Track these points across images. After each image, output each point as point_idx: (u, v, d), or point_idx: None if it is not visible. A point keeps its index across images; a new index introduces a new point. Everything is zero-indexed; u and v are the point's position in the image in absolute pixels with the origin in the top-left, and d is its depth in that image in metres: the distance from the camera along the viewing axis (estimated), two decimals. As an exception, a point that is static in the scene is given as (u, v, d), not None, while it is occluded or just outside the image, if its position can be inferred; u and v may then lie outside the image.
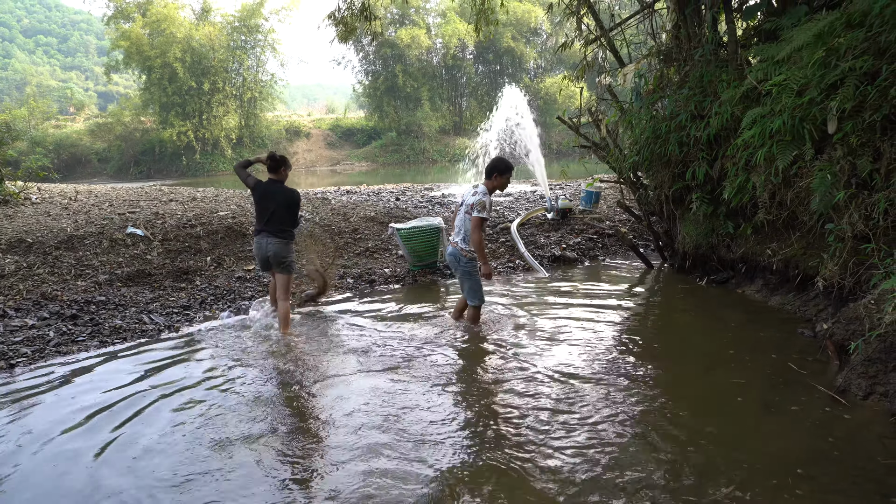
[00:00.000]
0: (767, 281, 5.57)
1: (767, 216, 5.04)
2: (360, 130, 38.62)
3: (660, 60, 6.37)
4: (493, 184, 4.71)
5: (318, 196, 13.23)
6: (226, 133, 33.07)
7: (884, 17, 3.81)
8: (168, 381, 4.05)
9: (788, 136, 4.44)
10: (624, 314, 5.34)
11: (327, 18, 8.91)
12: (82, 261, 6.82)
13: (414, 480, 2.80)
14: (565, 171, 8.33)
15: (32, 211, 8.98)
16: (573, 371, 4.04)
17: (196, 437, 3.26)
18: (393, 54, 35.30)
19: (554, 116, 15.69)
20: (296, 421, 3.49)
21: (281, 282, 5.03)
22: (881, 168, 3.92)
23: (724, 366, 4.09)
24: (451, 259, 4.94)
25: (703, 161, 5.63)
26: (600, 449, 3.04)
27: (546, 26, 37.75)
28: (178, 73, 30.60)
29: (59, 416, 3.54)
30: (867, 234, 4.00)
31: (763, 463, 2.84)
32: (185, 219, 8.63)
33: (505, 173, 4.70)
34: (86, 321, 5.19)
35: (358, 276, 6.73)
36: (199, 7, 33.71)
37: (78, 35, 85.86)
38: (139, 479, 2.88)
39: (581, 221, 8.84)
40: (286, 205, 5.08)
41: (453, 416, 3.49)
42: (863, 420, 3.19)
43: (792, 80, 4.33)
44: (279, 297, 5.04)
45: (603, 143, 7.10)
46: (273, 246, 4.95)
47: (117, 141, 32.60)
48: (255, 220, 5.15)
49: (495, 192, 4.83)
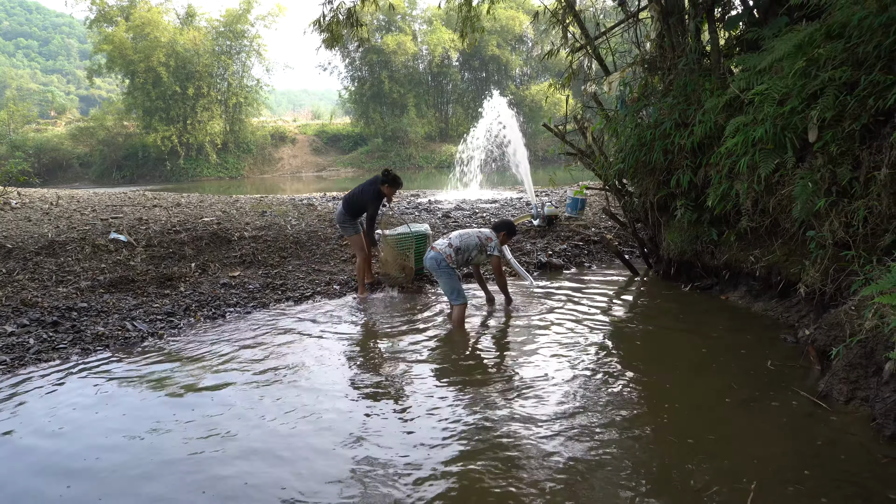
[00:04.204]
0: (751, 287, 5.64)
1: (750, 223, 5.10)
2: (346, 136, 38.55)
3: (644, 69, 6.44)
4: (501, 238, 5.47)
5: (304, 202, 13.17)
6: (210, 138, 32.81)
7: (862, 29, 3.89)
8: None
9: (770, 145, 4.50)
10: (609, 320, 5.38)
11: (313, 25, 8.88)
12: (63, 267, 6.73)
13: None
14: (553, 178, 8.38)
15: (12, 216, 8.84)
16: (556, 376, 4.05)
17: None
18: (379, 60, 35.34)
19: (540, 124, 15.80)
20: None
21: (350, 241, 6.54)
22: (860, 176, 4.00)
23: (707, 371, 4.13)
24: (433, 263, 5.19)
25: (688, 168, 5.69)
26: (582, 454, 3.04)
27: (531, 33, 38.06)
28: (162, 78, 30.34)
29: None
30: (847, 241, 4.07)
31: (746, 467, 2.87)
32: (170, 224, 8.55)
33: (509, 235, 5.60)
34: (67, 328, 5.10)
35: (344, 282, 6.71)
36: (183, 12, 33.53)
37: (60, 38, 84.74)
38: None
39: (567, 228, 8.88)
40: (363, 199, 6.20)
41: (431, 427, 3.48)
42: (844, 424, 3.24)
43: (773, 90, 4.40)
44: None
45: (588, 150, 7.15)
46: (338, 213, 6.35)
47: (100, 145, 32.20)
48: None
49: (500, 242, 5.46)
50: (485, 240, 5.33)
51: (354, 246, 6.39)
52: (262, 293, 6.27)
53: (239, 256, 7.53)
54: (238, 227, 8.96)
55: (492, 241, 5.32)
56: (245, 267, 7.24)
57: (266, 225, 9.37)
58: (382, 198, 6.23)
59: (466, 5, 8.53)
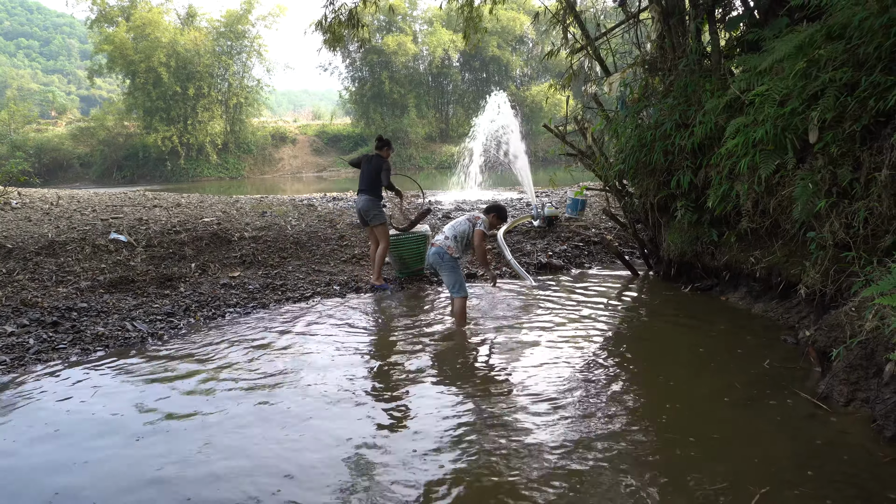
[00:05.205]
0: (751, 288, 5.63)
1: (751, 224, 5.10)
2: (347, 137, 38.57)
3: (645, 70, 6.44)
4: (489, 220, 5.44)
5: (304, 203, 13.18)
6: (211, 138, 32.85)
7: (862, 30, 3.89)
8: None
9: (771, 146, 4.50)
10: (609, 321, 5.37)
11: (314, 26, 8.89)
12: (64, 267, 6.73)
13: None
14: (553, 179, 8.38)
15: (12, 216, 8.85)
16: (556, 377, 4.04)
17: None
18: (379, 61, 35.38)
19: (540, 124, 15.80)
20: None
21: (376, 232, 6.56)
22: (861, 177, 3.99)
23: (707, 372, 4.12)
24: (436, 257, 5.26)
25: (688, 169, 5.69)
26: (582, 455, 3.04)
27: (532, 34, 38.08)
28: (162, 78, 30.38)
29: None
30: (848, 242, 4.07)
31: (747, 469, 2.87)
32: (170, 225, 8.55)
33: (500, 218, 5.53)
34: (67, 328, 5.10)
35: (344, 283, 6.71)
36: (184, 12, 33.57)
37: (60, 38, 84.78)
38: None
39: (567, 229, 8.88)
40: (376, 171, 6.48)
41: (432, 428, 3.47)
42: (845, 426, 3.23)
43: (774, 91, 4.40)
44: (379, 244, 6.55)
45: (589, 151, 7.15)
46: (362, 202, 6.52)
47: (100, 146, 32.24)
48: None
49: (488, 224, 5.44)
50: (473, 219, 5.42)
51: (382, 235, 6.55)
52: (262, 294, 6.27)
53: (239, 257, 7.53)
54: (238, 228, 8.96)
55: (479, 219, 5.39)
56: (245, 267, 7.24)
57: (266, 225, 9.37)
58: (388, 163, 6.57)
59: (468, 6, 8.53)
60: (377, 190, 6.54)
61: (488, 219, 5.44)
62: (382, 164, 6.49)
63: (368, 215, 6.51)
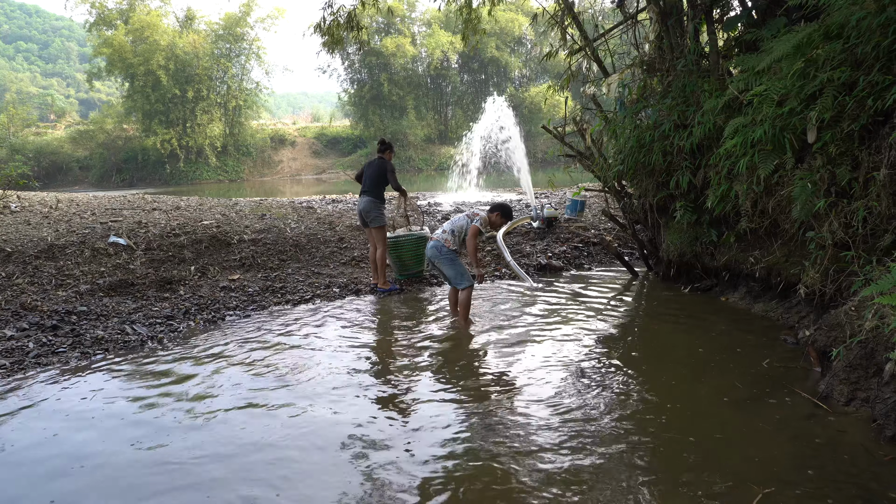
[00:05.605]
0: (750, 288, 5.64)
1: (750, 224, 5.10)
2: (346, 139, 38.59)
3: (643, 70, 6.45)
4: (491, 217, 5.39)
5: (303, 205, 13.18)
6: (210, 141, 32.85)
7: (860, 30, 3.90)
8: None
9: (769, 146, 4.50)
10: (609, 322, 5.37)
11: (313, 28, 8.90)
12: (63, 270, 6.72)
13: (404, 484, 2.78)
14: (552, 180, 8.39)
15: (11, 220, 8.84)
16: (556, 378, 4.04)
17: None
18: (378, 63, 35.40)
19: (539, 125, 15.82)
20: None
21: (374, 234, 6.58)
22: (860, 177, 4.00)
23: (707, 373, 4.12)
24: (433, 251, 5.31)
25: (687, 170, 5.70)
26: (582, 456, 3.04)
27: (530, 35, 38.12)
28: (161, 81, 30.38)
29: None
30: (847, 241, 4.07)
31: (748, 469, 2.86)
32: (169, 228, 8.55)
33: (504, 217, 5.43)
34: (67, 332, 5.09)
35: (344, 285, 6.70)
36: (182, 15, 33.60)
37: (59, 41, 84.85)
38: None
39: (566, 230, 8.88)
40: (379, 173, 6.59)
41: (432, 429, 3.47)
42: (845, 426, 3.23)
43: (772, 91, 4.40)
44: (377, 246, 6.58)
45: (588, 152, 7.16)
46: (363, 203, 6.58)
47: (99, 149, 32.24)
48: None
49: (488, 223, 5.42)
50: (472, 215, 5.41)
51: (380, 238, 6.57)
52: (262, 296, 6.26)
53: (238, 259, 7.53)
54: (237, 231, 8.96)
55: (478, 215, 5.37)
56: (244, 270, 7.24)
57: (265, 228, 9.36)
58: (391, 165, 6.66)
59: (467, 8, 8.54)
60: (380, 192, 6.62)
61: (491, 217, 5.42)
62: (386, 165, 6.58)
63: (369, 216, 6.56)
